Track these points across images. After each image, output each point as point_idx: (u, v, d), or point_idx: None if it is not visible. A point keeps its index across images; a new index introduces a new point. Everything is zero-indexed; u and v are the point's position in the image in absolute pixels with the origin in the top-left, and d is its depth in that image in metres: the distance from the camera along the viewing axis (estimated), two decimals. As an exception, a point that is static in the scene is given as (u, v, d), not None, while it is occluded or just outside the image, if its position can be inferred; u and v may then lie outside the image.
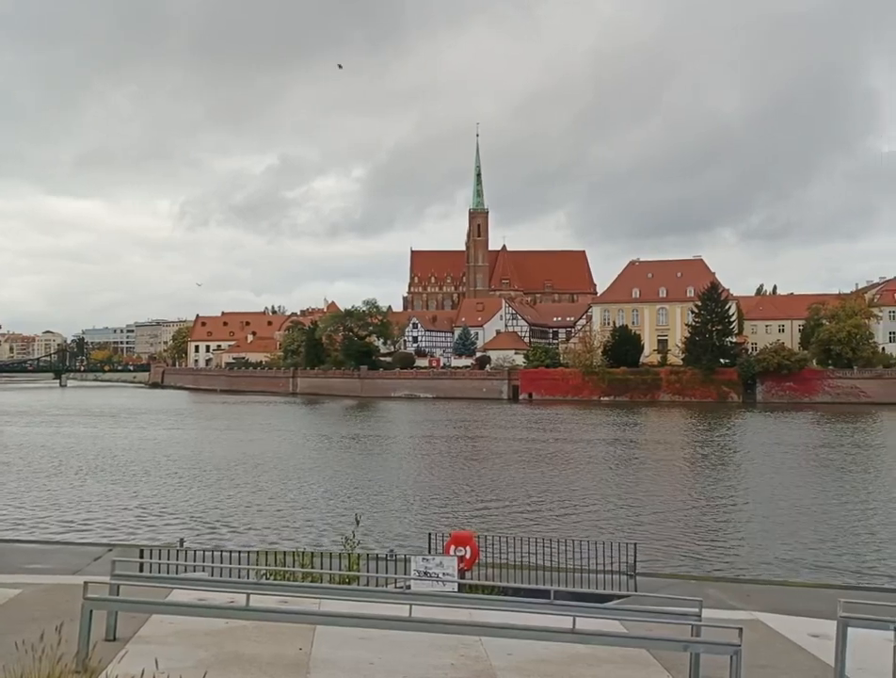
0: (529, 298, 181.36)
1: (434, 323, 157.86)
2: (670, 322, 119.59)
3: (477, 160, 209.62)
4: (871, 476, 39.83)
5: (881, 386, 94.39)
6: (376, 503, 31.81)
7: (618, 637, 9.49)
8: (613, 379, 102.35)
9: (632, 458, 47.58)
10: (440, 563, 13.85)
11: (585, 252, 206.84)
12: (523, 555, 16.52)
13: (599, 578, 15.72)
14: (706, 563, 22.67)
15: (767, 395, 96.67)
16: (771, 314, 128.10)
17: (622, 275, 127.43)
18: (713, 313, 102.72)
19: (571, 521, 28.39)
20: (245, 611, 9.43)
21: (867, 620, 9.52)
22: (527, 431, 64.44)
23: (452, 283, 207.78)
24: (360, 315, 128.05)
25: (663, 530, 26.92)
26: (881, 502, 32.33)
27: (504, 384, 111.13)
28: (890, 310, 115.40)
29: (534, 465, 43.82)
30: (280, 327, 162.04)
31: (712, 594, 15.21)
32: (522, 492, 34.78)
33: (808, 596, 15.68)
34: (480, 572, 15.57)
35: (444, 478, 39.17)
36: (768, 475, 40.00)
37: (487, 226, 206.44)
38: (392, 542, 22.46)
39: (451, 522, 27.02)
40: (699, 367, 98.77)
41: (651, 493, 34.49)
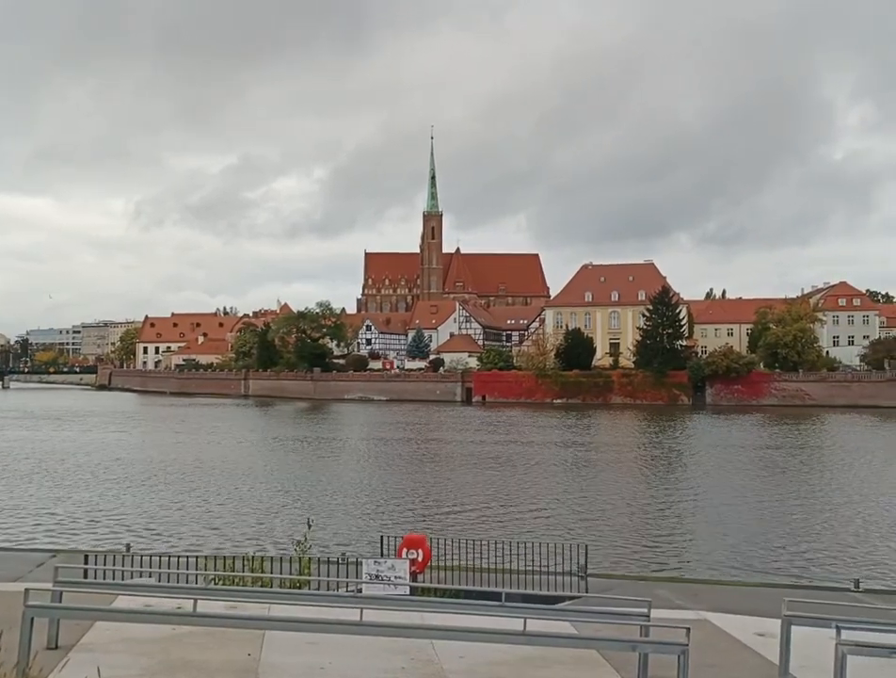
0: (483, 300, 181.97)
1: (388, 325, 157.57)
2: (622, 325, 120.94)
3: (432, 163, 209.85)
4: (815, 477, 40.72)
5: (825, 389, 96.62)
6: (328, 506, 31.59)
7: (568, 639, 9.55)
8: (565, 382, 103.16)
9: (585, 460, 48.00)
10: (391, 566, 13.80)
11: (539, 256, 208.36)
12: (476, 557, 16.53)
13: (550, 580, 15.79)
14: (656, 564, 22.95)
15: (716, 398, 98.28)
16: (720, 317, 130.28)
17: (575, 278, 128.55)
18: (664, 316, 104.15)
19: (524, 523, 28.52)
20: (192, 617, 9.28)
21: (810, 618, 9.73)
22: (480, 434, 64.60)
23: (406, 286, 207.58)
24: (313, 317, 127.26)
25: (614, 531, 27.19)
26: (824, 502, 33.07)
27: (458, 387, 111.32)
28: (834, 314, 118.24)
29: (487, 468, 43.94)
30: (232, 328, 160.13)
31: (662, 594, 15.38)
32: (475, 494, 34.85)
33: (754, 595, 15.96)
34: (432, 574, 15.54)
35: (397, 481, 39.07)
36: (716, 476, 40.67)
37: (441, 229, 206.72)
38: (344, 546, 22.33)
39: (403, 524, 26.95)
40: (650, 370, 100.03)
41: (603, 495, 34.82)
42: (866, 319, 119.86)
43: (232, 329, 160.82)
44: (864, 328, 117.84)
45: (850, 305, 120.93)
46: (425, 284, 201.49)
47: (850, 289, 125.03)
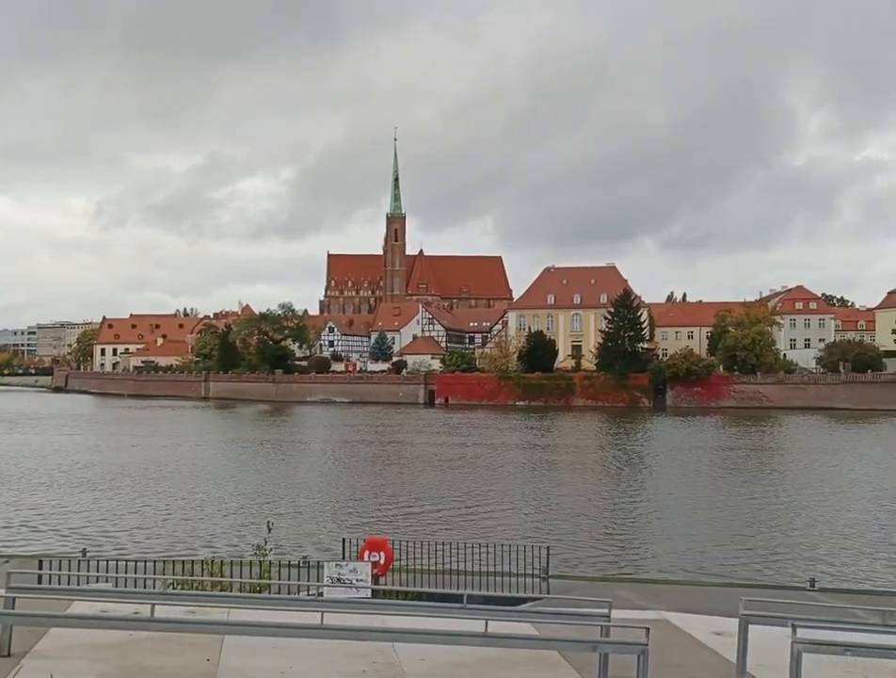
0: (446, 303, 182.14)
1: (351, 327, 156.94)
2: (584, 328, 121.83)
3: (395, 165, 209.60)
4: (772, 478, 41.34)
5: (782, 391, 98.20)
6: (289, 509, 31.36)
7: (529, 640, 9.57)
8: (528, 384, 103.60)
9: (547, 462, 48.22)
10: (353, 569, 13.74)
11: (502, 258, 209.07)
12: (438, 559, 16.51)
13: (512, 581, 15.84)
14: (617, 564, 23.13)
15: (677, 400, 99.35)
16: (681, 320, 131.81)
17: (538, 281, 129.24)
18: (626, 319, 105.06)
19: (486, 525, 28.56)
20: (149, 622, 9.14)
21: (767, 617, 9.86)
22: (443, 436, 64.60)
23: (369, 288, 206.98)
24: (275, 319, 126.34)
25: (576, 533, 27.35)
26: (781, 503, 33.59)
27: (421, 389, 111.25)
28: (791, 318, 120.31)
29: (449, 470, 43.95)
30: (193, 330, 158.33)
31: (622, 595, 15.49)
32: (438, 496, 34.83)
33: (713, 595, 16.16)
34: (395, 577, 15.50)
35: (360, 483, 38.92)
36: (676, 477, 41.11)
37: (404, 230, 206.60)
38: (306, 549, 22.18)
39: (366, 527, 26.85)
40: (612, 373, 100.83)
41: (565, 497, 35.02)
42: (822, 323, 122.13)
43: (192, 330, 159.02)
44: (820, 331, 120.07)
45: (806, 309, 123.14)
46: (388, 286, 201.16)
47: (807, 293, 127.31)
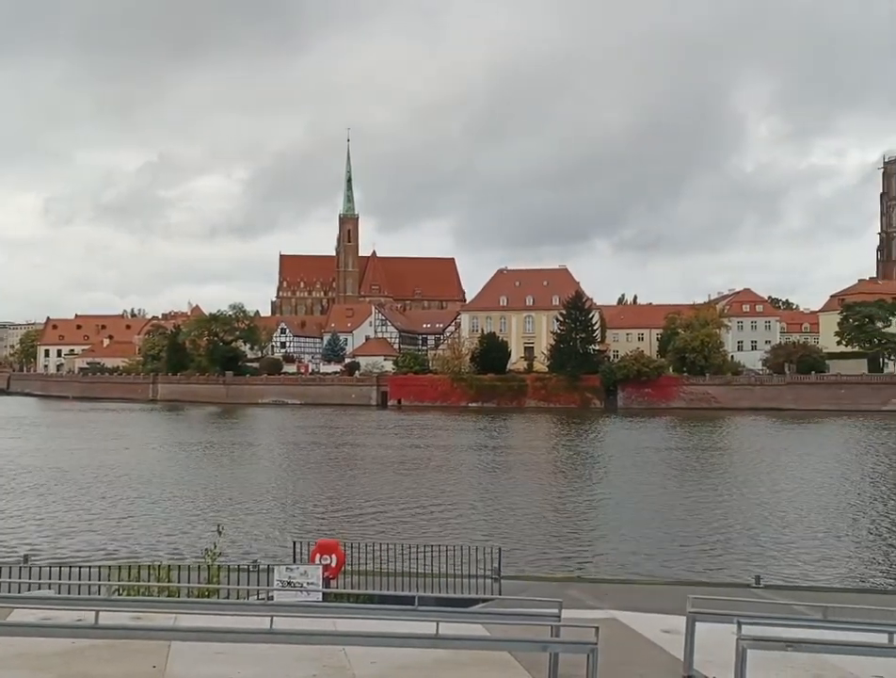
0: (399, 304, 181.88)
1: (303, 328, 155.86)
2: (536, 330, 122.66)
3: (348, 166, 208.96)
4: (719, 477, 42.08)
5: (729, 392, 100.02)
6: (240, 512, 31.00)
7: (480, 641, 9.57)
8: (480, 386, 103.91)
9: (499, 463, 48.42)
10: (304, 572, 13.61)
11: (455, 260, 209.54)
12: (390, 561, 16.46)
13: (464, 583, 15.85)
14: (568, 564, 23.31)
15: (627, 401, 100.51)
16: (631, 322, 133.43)
17: (490, 283, 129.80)
18: (577, 321, 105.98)
19: (439, 526, 28.57)
20: (93, 629, 8.92)
21: (713, 614, 10.01)
22: (395, 438, 64.48)
23: (322, 289, 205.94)
24: (226, 320, 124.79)
25: (528, 533, 27.51)
26: (729, 502, 34.19)
27: (374, 390, 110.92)
28: (738, 320, 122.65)
29: (402, 471, 43.88)
30: (140, 331, 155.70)
31: (573, 595, 15.61)
32: (391, 498, 34.75)
33: (661, 594, 16.36)
34: (346, 580, 15.40)
35: (312, 486, 38.65)
36: (627, 478, 41.60)
37: (357, 231, 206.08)
38: (256, 553, 21.94)
39: (317, 530, 26.67)
40: (564, 374, 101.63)
41: (518, 497, 35.18)
42: (768, 325, 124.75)
43: (139, 331, 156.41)
44: (766, 333, 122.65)
45: (753, 311, 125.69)
46: (341, 287, 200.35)
47: (753, 296, 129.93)
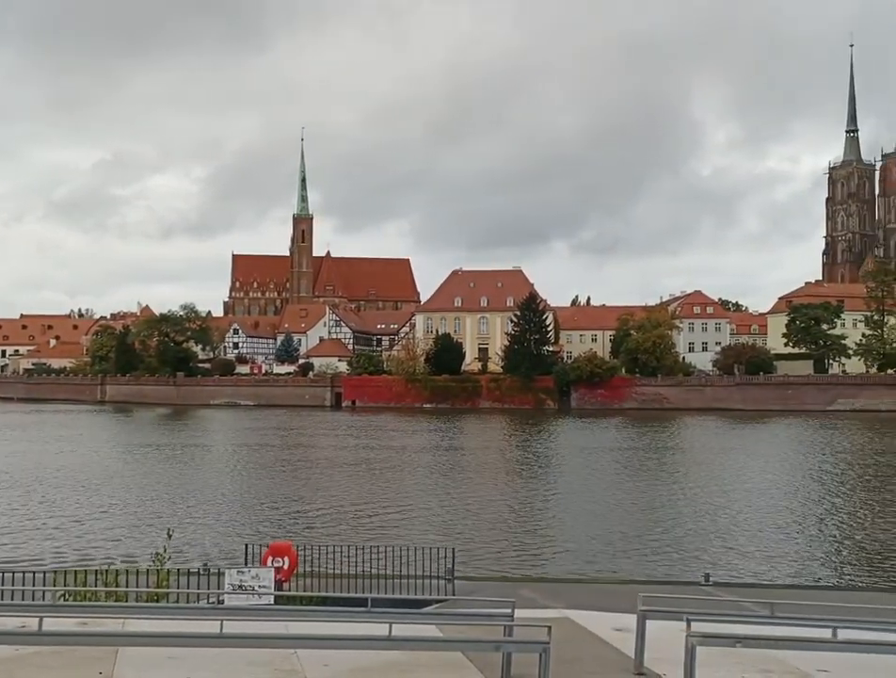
0: (353, 305, 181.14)
1: (256, 329, 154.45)
2: (491, 331, 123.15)
3: (302, 165, 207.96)
4: (670, 476, 42.66)
5: (681, 393, 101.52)
6: (191, 515, 30.56)
7: (433, 642, 9.57)
8: (435, 387, 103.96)
9: (454, 464, 48.49)
10: (255, 575, 13.47)
11: (409, 260, 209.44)
12: (344, 563, 16.37)
13: (418, 584, 15.83)
14: (521, 564, 23.43)
15: (581, 402, 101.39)
16: (585, 324, 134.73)
17: (445, 284, 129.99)
18: (531, 322, 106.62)
19: (393, 528, 28.50)
20: (37, 636, 8.72)
21: (663, 612, 10.15)
22: (349, 439, 64.20)
23: (275, 289, 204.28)
24: (177, 320, 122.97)
25: (482, 534, 27.56)
26: (679, 500, 34.68)
27: (328, 391, 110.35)
28: (689, 322, 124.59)
29: (356, 473, 43.69)
30: (88, 331, 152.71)
31: (526, 594, 15.69)
32: (345, 500, 34.57)
33: (613, 592, 16.54)
34: (299, 582, 15.27)
35: (265, 488, 38.27)
36: (579, 478, 41.95)
37: (311, 231, 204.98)
38: (207, 556, 21.65)
39: (270, 532, 26.41)
40: (518, 375, 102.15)
41: (472, 498, 35.25)
42: (718, 327, 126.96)
43: (87, 332, 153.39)
44: (717, 334, 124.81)
45: (704, 313, 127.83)
46: (295, 288, 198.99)
47: (704, 298, 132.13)
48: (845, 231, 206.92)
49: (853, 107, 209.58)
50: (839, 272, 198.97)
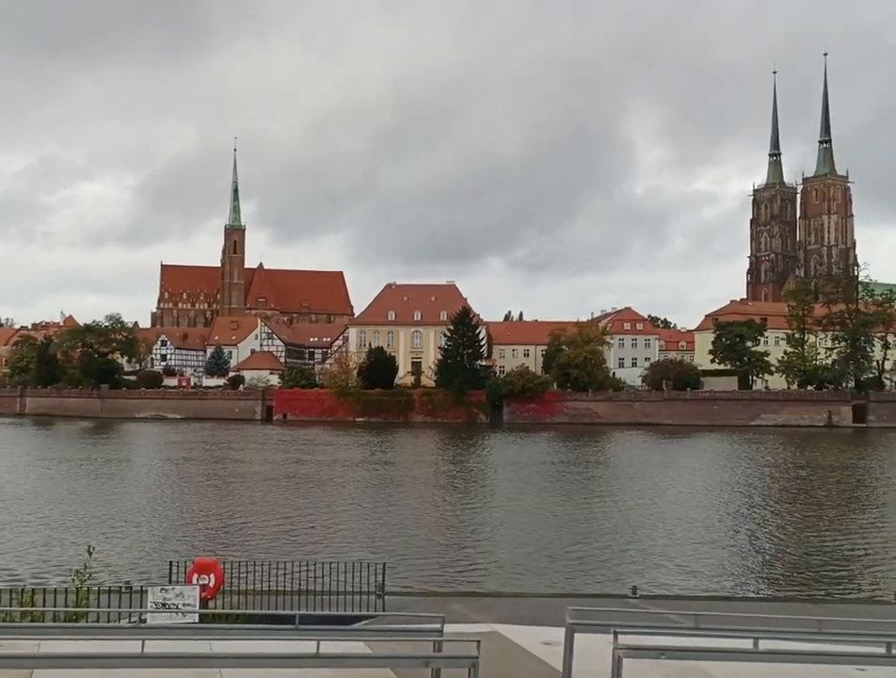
0: (286, 317, 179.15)
1: (185, 341, 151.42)
2: (424, 345, 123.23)
3: (235, 176, 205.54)
4: (599, 490, 43.23)
5: (611, 408, 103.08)
6: (113, 532, 29.69)
7: (361, 659, 9.47)
8: (367, 401, 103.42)
9: (385, 478, 48.24)
10: (179, 593, 13.12)
11: (343, 273, 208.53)
12: (272, 580, 16.09)
13: (347, 600, 15.64)
14: (452, 579, 23.40)
15: (513, 417, 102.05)
16: (518, 339, 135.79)
17: (379, 298, 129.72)
18: (465, 336, 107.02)
19: (324, 543, 28.18)
20: (-55, 660, 8.33)
21: (591, 625, 10.23)
22: (280, 453, 63.35)
23: (206, 300, 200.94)
24: (102, 331, 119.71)
25: (413, 548, 27.45)
26: (608, 514, 35.12)
27: (258, 405, 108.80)
28: (620, 338, 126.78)
29: (285, 487, 43.10)
30: (7, 342, 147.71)
31: (456, 609, 15.65)
32: (274, 515, 34.04)
33: (542, 606, 16.61)
34: (225, 600, 14.92)
35: (191, 503, 37.44)
36: (510, 492, 42.16)
37: (243, 243, 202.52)
38: (130, 574, 21.05)
39: (196, 549, 25.84)
40: (451, 389, 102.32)
41: (403, 513, 35.10)
42: (647, 343, 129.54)
43: (6, 342, 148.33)
44: (646, 350, 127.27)
45: (634, 329, 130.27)
46: (226, 299, 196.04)
47: (634, 314, 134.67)
48: (768, 251, 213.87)
49: (776, 132, 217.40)
50: (762, 291, 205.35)
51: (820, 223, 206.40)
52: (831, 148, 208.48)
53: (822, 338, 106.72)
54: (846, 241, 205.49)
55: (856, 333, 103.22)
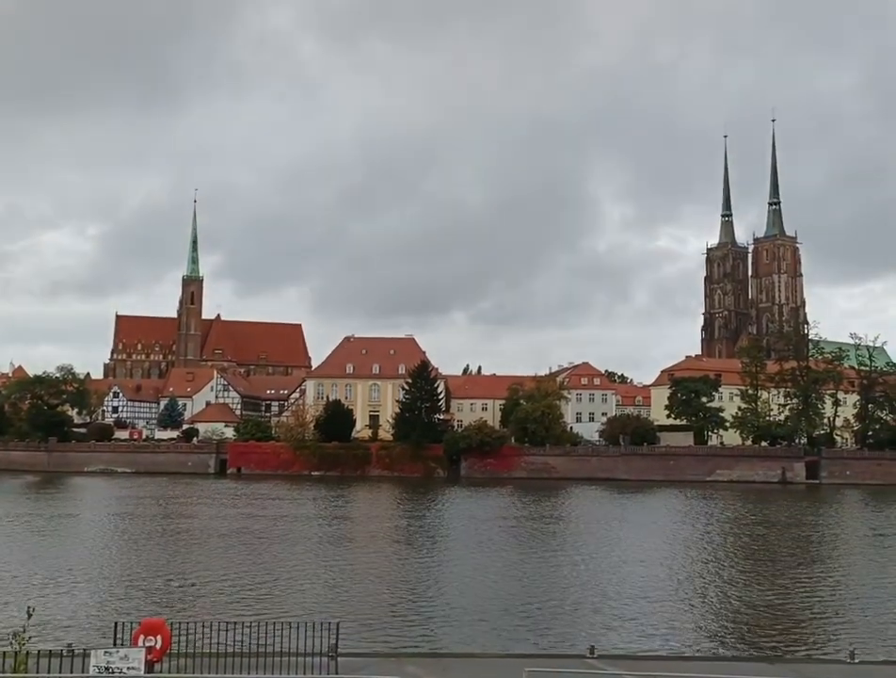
0: (243, 369, 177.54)
1: (138, 392, 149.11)
2: (382, 398, 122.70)
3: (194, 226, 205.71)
4: (557, 547, 42.97)
5: (568, 462, 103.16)
6: (55, 592, 28.68)
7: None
8: (324, 454, 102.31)
9: (340, 534, 47.50)
10: (124, 656, 12.70)
11: (302, 326, 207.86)
12: (221, 641, 15.61)
13: (299, 661, 15.22)
14: (408, 639, 22.93)
15: (470, 471, 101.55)
16: (476, 392, 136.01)
17: (337, 350, 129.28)
18: (423, 390, 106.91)
19: (276, 602, 27.54)
20: None
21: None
22: (232, 508, 62.09)
23: (161, 352, 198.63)
24: (52, 382, 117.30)
25: (368, 607, 26.92)
26: (565, 571, 34.87)
27: (212, 458, 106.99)
28: (577, 392, 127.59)
29: (237, 544, 42.13)
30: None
31: (412, 671, 15.30)
32: (224, 573, 33.19)
33: (499, 666, 16.31)
34: (172, 662, 14.44)
35: (139, 561, 36.37)
36: (467, 548, 41.71)
37: (201, 293, 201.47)
38: (72, 635, 20.29)
39: (143, 609, 25.03)
40: (408, 443, 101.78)
41: (359, 570, 34.49)
42: (604, 398, 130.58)
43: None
44: (603, 405, 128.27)
45: (591, 384, 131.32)
46: (182, 351, 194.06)
47: (591, 369, 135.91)
48: (722, 308, 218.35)
49: (727, 193, 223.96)
50: (716, 347, 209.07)
51: (771, 282, 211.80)
52: (780, 210, 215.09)
53: (774, 394, 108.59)
54: (796, 300, 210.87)
55: (807, 390, 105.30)
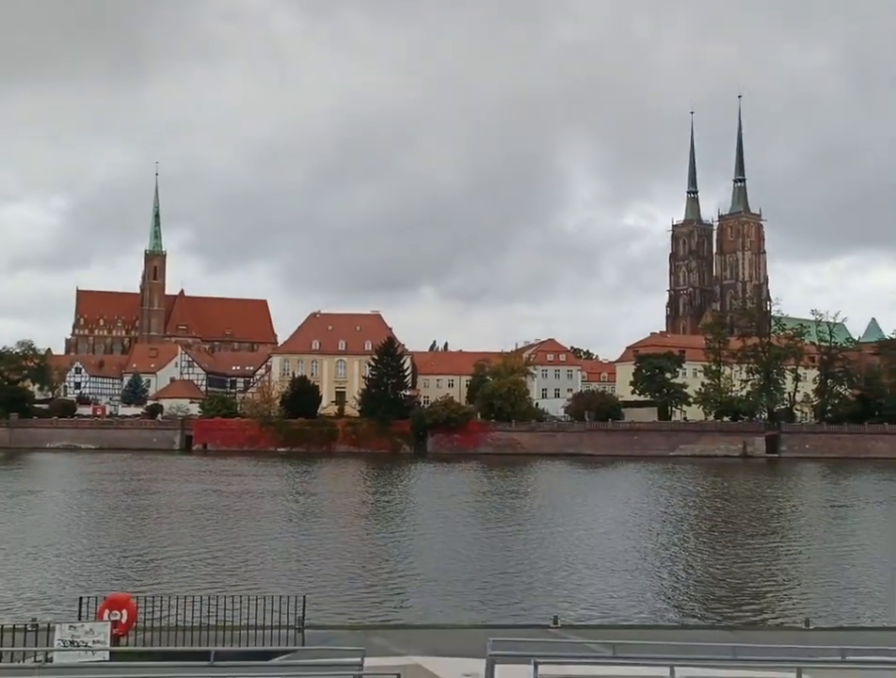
0: (207, 345, 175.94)
1: (101, 368, 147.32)
2: (348, 374, 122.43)
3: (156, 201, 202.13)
4: (521, 521, 43.44)
5: (534, 438, 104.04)
6: (19, 567, 28.46)
7: (279, 694, 9.29)
8: (290, 430, 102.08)
9: (306, 509, 47.55)
10: (89, 630, 12.68)
11: (267, 302, 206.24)
12: (187, 615, 15.62)
13: (266, 634, 15.29)
14: (374, 611, 23.13)
15: (437, 447, 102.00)
16: (442, 369, 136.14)
17: (303, 327, 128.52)
18: (389, 366, 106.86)
19: (242, 576, 27.56)
20: None
21: (512, 656, 10.26)
22: (198, 484, 61.82)
23: (123, 327, 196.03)
24: (12, 358, 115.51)
25: (334, 580, 27.07)
26: (530, 544, 35.30)
27: (177, 434, 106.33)
28: (543, 368, 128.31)
29: (203, 520, 42.03)
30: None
31: (377, 642, 15.45)
32: (190, 547, 33.15)
33: (464, 637, 16.53)
34: (138, 636, 14.45)
35: (103, 537, 36.14)
36: (433, 522, 42.03)
37: (164, 269, 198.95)
38: (36, 610, 20.17)
39: (108, 584, 24.94)
40: (375, 419, 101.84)
41: (325, 544, 34.61)
42: (570, 374, 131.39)
43: None
44: (568, 381, 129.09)
45: (556, 360, 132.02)
46: (145, 326, 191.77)
47: (557, 346, 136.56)
48: (686, 285, 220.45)
49: (693, 171, 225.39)
50: (681, 324, 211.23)
51: (735, 259, 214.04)
52: (745, 187, 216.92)
53: (737, 370, 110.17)
54: (759, 277, 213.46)
55: (768, 366, 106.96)
